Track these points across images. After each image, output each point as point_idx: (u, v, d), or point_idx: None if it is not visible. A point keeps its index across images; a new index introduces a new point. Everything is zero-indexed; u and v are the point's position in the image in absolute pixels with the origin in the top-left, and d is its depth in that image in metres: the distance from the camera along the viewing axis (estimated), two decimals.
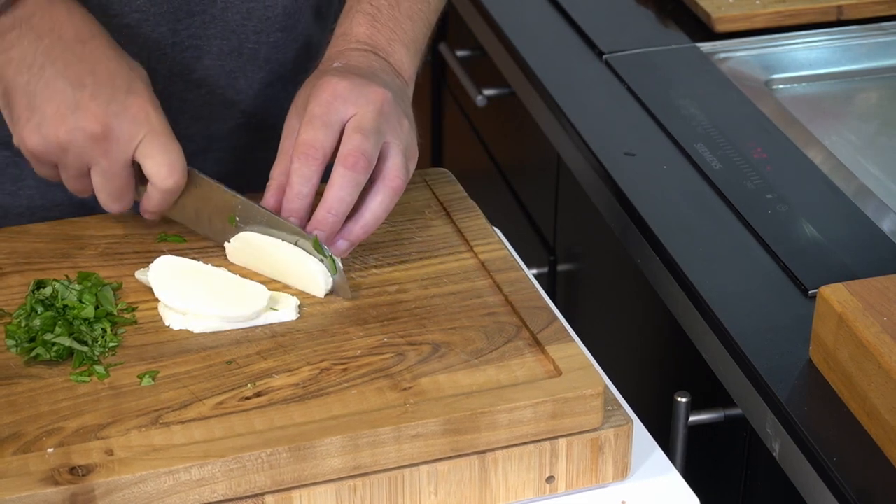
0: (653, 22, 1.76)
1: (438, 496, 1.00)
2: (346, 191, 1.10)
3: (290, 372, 1.04)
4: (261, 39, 1.27)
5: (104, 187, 1.12)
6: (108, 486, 0.94)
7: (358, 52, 1.18)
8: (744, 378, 1.19)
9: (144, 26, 1.22)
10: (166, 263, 1.12)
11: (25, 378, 1.03)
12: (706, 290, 1.27)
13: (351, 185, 1.09)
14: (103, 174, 1.12)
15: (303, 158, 1.10)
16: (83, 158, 1.11)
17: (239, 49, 1.27)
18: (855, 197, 1.40)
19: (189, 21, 1.23)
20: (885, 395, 1.07)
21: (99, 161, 1.11)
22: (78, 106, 1.09)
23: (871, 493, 1.05)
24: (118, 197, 1.13)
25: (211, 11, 1.24)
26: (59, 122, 1.09)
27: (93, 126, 1.09)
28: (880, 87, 1.67)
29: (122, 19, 1.21)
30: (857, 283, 1.14)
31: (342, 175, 1.09)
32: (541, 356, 1.05)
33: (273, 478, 0.96)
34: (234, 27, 1.25)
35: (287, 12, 1.28)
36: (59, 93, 1.09)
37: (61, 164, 1.12)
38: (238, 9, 1.25)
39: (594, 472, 1.03)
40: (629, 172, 1.46)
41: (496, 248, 1.17)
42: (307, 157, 1.10)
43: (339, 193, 1.10)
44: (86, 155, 1.11)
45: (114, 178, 1.12)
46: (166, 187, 1.12)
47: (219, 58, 1.26)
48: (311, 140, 1.10)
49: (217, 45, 1.26)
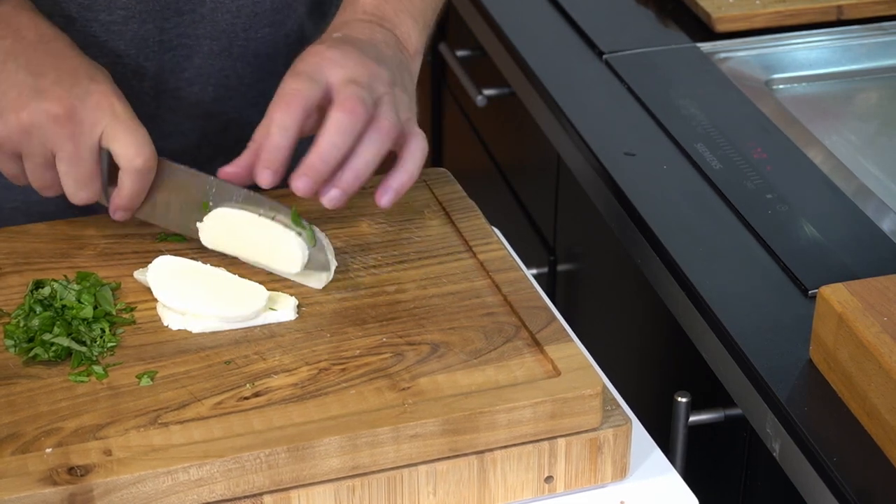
0: (653, 22, 1.75)
1: (437, 496, 1.00)
2: (341, 137, 1.06)
3: (289, 372, 1.04)
4: (250, 36, 1.27)
5: (70, 173, 1.10)
6: (107, 487, 0.93)
7: (362, 22, 1.16)
8: (744, 378, 1.19)
9: (131, 24, 1.22)
10: (165, 264, 1.12)
11: (24, 378, 1.03)
12: (706, 290, 1.27)
13: (346, 130, 1.06)
14: (69, 160, 1.09)
15: (283, 107, 1.07)
16: (47, 144, 1.08)
17: (229, 48, 1.27)
18: (855, 197, 1.40)
19: (177, 20, 1.23)
20: (885, 395, 1.07)
21: (63, 145, 1.08)
22: (40, 91, 1.08)
23: (871, 493, 1.05)
24: (84, 184, 1.10)
25: (200, 11, 1.24)
26: (21, 107, 1.07)
27: (56, 108, 1.07)
28: (880, 87, 1.67)
29: (108, 16, 1.21)
30: (857, 283, 1.14)
31: (338, 119, 1.06)
32: (540, 356, 1.05)
33: (272, 478, 0.96)
34: (223, 27, 1.25)
35: (275, 7, 1.27)
36: (21, 83, 1.08)
37: (25, 153, 1.10)
38: (227, 7, 1.24)
39: (593, 473, 1.03)
40: (629, 172, 1.46)
41: (495, 249, 1.17)
42: (288, 105, 1.07)
43: (332, 138, 1.06)
44: (50, 140, 1.08)
45: (79, 164, 1.09)
46: (137, 167, 1.10)
47: (209, 57, 1.26)
48: (293, 89, 1.07)
49: (207, 45, 1.25)
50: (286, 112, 1.07)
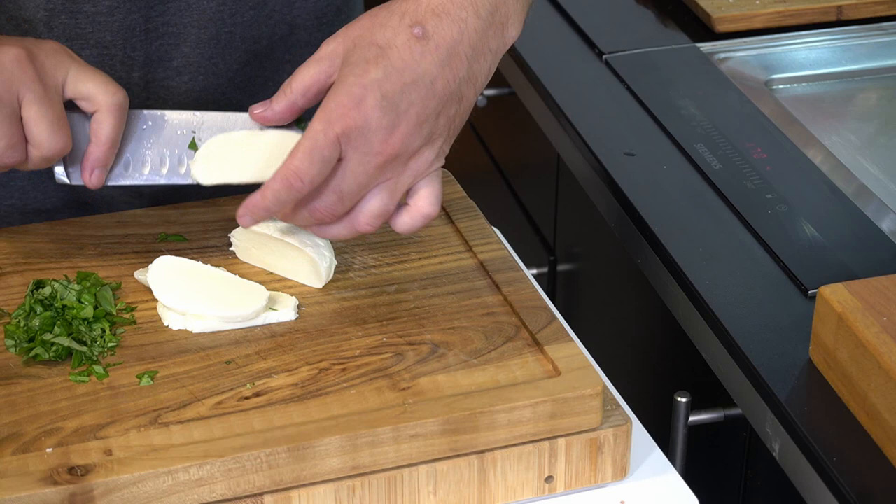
0: (653, 22, 1.76)
1: (437, 496, 1.00)
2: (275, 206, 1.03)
3: (289, 372, 1.04)
4: (236, 21, 1.27)
5: (43, 117, 1.06)
6: (107, 486, 0.94)
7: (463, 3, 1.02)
8: (744, 378, 1.19)
9: (116, 14, 1.22)
10: (166, 264, 1.12)
11: (24, 378, 1.03)
12: (706, 290, 1.27)
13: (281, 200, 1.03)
14: (39, 100, 1.05)
15: (285, 184, 1.02)
16: (14, 86, 1.05)
17: (217, 35, 1.26)
18: (855, 197, 1.40)
19: (162, 8, 1.23)
20: (884, 394, 1.07)
21: (31, 86, 1.05)
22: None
23: (871, 493, 1.05)
24: (57, 127, 1.06)
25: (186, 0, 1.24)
26: None
27: (16, 49, 1.05)
28: (880, 87, 1.67)
29: (92, 7, 1.21)
30: (857, 283, 1.14)
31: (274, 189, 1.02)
32: (540, 356, 1.05)
33: (272, 478, 0.96)
34: (210, 14, 1.25)
35: None
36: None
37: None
38: None
39: (593, 472, 1.03)
40: (629, 172, 1.46)
41: (495, 248, 1.17)
42: (291, 187, 1.01)
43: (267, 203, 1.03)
44: (16, 80, 1.05)
45: (50, 104, 1.06)
46: (118, 101, 1.08)
47: (197, 45, 1.26)
48: (301, 172, 1.01)
49: (195, 33, 1.25)
50: (286, 191, 1.02)
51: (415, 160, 1.04)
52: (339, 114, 1.00)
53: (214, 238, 1.18)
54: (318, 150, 1.00)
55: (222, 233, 1.19)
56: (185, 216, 1.21)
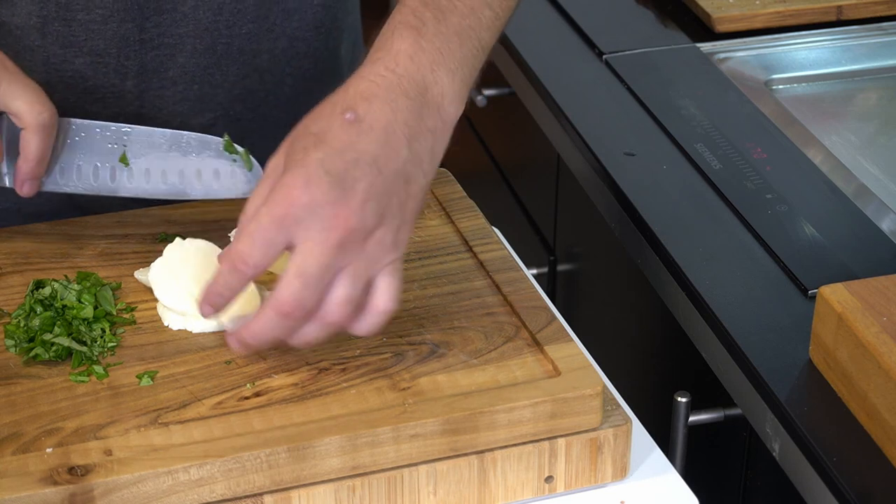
0: (653, 22, 1.76)
1: (437, 496, 1.00)
2: (277, 332, 0.98)
3: (289, 372, 1.04)
4: (233, 33, 1.26)
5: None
6: (107, 486, 0.94)
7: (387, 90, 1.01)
8: (744, 378, 1.19)
9: (110, 23, 1.22)
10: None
11: (24, 378, 1.03)
12: (706, 290, 1.27)
13: (274, 327, 0.98)
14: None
15: (231, 269, 0.98)
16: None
17: (213, 46, 1.26)
18: (855, 197, 1.40)
19: (157, 19, 1.23)
20: (884, 394, 1.07)
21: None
22: None
23: (871, 493, 1.05)
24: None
25: (181, 10, 1.23)
26: None
27: None
28: (880, 87, 1.67)
29: (86, 15, 1.21)
30: (857, 283, 1.14)
31: (268, 317, 0.98)
32: (540, 356, 1.05)
33: (272, 478, 0.96)
34: (206, 25, 1.25)
35: (258, 2, 1.27)
36: None
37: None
38: (209, 5, 1.24)
39: (593, 472, 1.03)
40: (629, 172, 1.46)
41: (495, 248, 1.17)
42: (236, 271, 0.98)
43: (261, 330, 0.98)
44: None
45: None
46: (43, 121, 1.08)
47: (193, 55, 1.26)
48: (246, 256, 0.98)
49: (190, 43, 1.25)
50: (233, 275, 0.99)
51: (372, 243, 0.99)
52: (284, 195, 0.97)
53: (214, 238, 1.18)
54: (261, 232, 0.97)
55: (222, 233, 1.19)
56: (185, 216, 1.21)
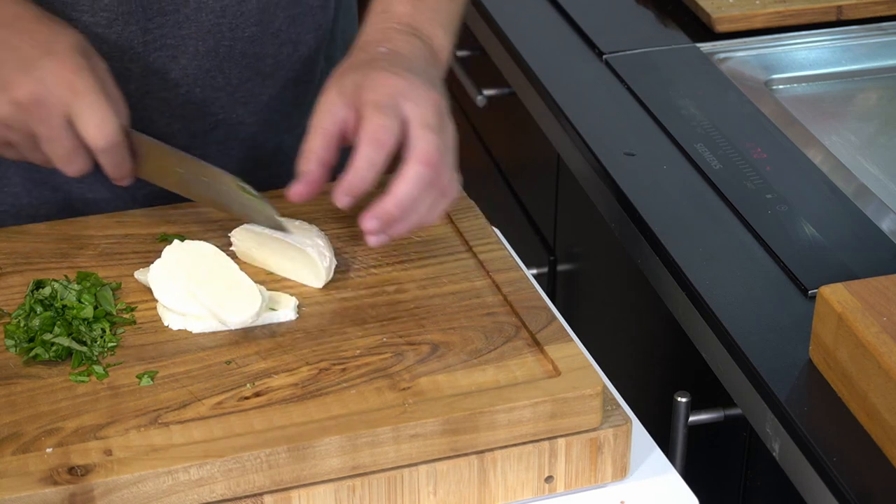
0: (653, 22, 1.75)
1: (437, 496, 1.00)
2: (419, 188, 1.07)
3: (289, 372, 1.04)
4: (236, 36, 1.26)
5: (54, 152, 1.12)
6: (107, 486, 0.94)
7: (402, 34, 1.16)
8: (744, 378, 1.19)
9: (115, 25, 1.22)
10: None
11: (24, 378, 1.03)
12: (706, 290, 1.27)
13: (424, 182, 1.07)
14: (47, 141, 1.11)
15: (374, 144, 1.07)
16: (25, 130, 1.11)
17: (215, 48, 1.26)
18: (855, 197, 1.40)
19: (161, 20, 1.23)
20: (884, 394, 1.07)
21: (39, 129, 1.11)
22: (4, 81, 1.10)
23: (871, 493, 1.05)
24: (70, 159, 1.13)
25: (184, 11, 1.23)
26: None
27: (20, 95, 1.09)
28: (880, 87, 1.67)
29: (91, 17, 1.21)
30: (857, 283, 1.14)
31: (418, 173, 1.07)
32: (540, 356, 1.05)
33: (272, 478, 0.96)
34: (209, 27, 1.25)
35: (261, 6, 1.27)
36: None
37: (13, 141, 1.13)
38: (212, 7, 1.24)
39: (593, 472, 1.03)
40: (629, 172, 1.46)
41: (495, 248, 1.17)
42: (379, 143, 1.07)
43: (411, 190, 1.07)
44: (26, 126, 1.11)
45: (58, 142, 1.11)
46: (98, 147, 1.11)
47: (195, 58, 1.26)
48: (384, 126, 1.07)
49: (193, 45, 1.25)
50: (375, 150, 1.07)
51: (450, 127, 1.13)
52: (379, 83, 1.09)
53: (214, 238, 1.18)
54: (381, 107, 1.07)
55: (222, 233, 1.19)
56: (185, 216, 1.21)
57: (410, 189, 1.07)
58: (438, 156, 1.08)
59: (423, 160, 1.07)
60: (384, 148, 1.07)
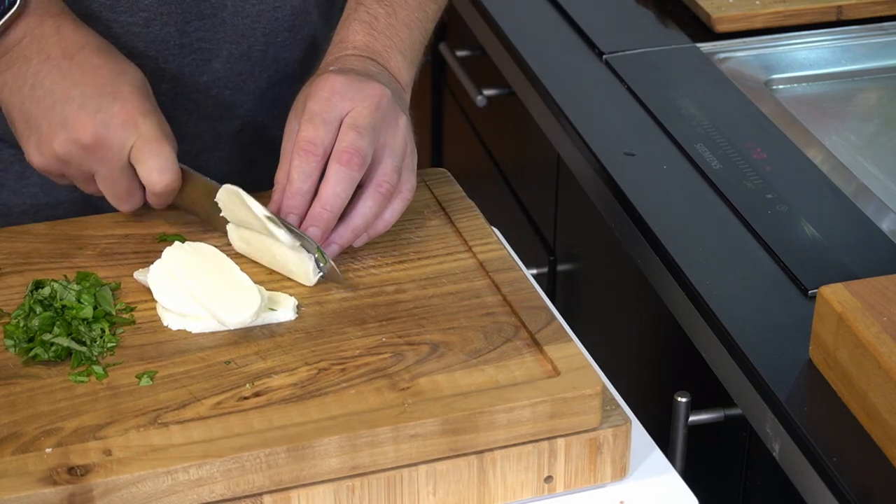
0: (653, 22, 1.75)
1: (437, 496, 1.00)
2: (341, 186, 1.11)
3: (289, 372, 1.04)
4: (269, 41, 1.28)
5: (109, 192, 1.16)
6: (107, 486, 0.94)
7: (356, 57, 1.19)
8: (744, 378, 1.19)
9: (152, 26, 1.22)
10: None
11: (24, 378, 1.03)
12: (706, 290, 1.27)
13: (345, 181, 1.11)
14: (104, 180, 1.15)
15: (302, 155, 1.11)
16: (83, 168, 1.14)
17: (248, 53, 1.27)
18: (855, 197, 1.40)
19: (198, 24, 1.24)
20: (884, 394, 1.07)
21: (98, 168, 1.14)
22: (67, 120, 1.12)
23: (871, 493, 1.05)
24: (124, 199, 1.16)
25: (221, 15, 1.24)
26: (53, 138, 1.12)
27: (84, 137, 1.12)
28: (880, 87, 1.67)
29: (129, 17, 1.22)
30: (857, 283, 1.14)
31: (336, 171, 1.11)
32: (539, 356, 1.05)
33: (271, 478, 0.96)
34: (243, 31, 1.26)
35: (295, 12, 1.28)
36: (49, 110, 1.12)
37: (67, 174, 1.16)
38: (248, 12, 1.25)
39: (592, 472, 1.03)
40: (629, 172, 1.46)
41: (495, 248, 1.17)
42: (307, 153, 1.11)
43: (334, 189, 1.11)
44: (84, 164, 1.14)
45: (115, 183, 1.15)
46: (158, 191, 1.15)
47: (228, 61, 1.27)
48: (310, 137, 1.11)
49: (227, 48, 1.26)
50: (305, 160, 1.11)
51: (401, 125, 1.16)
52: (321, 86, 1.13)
53: (214, 239, 1.18)
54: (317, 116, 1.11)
55: (222, 233, 1.19)
56: (186, 217, 1.21)
57: (333, 188, 1.11)
58: (357, 155, 1.11)
59: (340, 159, 1.10)
60: (313, 158, 1.11)
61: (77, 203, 1.30)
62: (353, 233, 1.13)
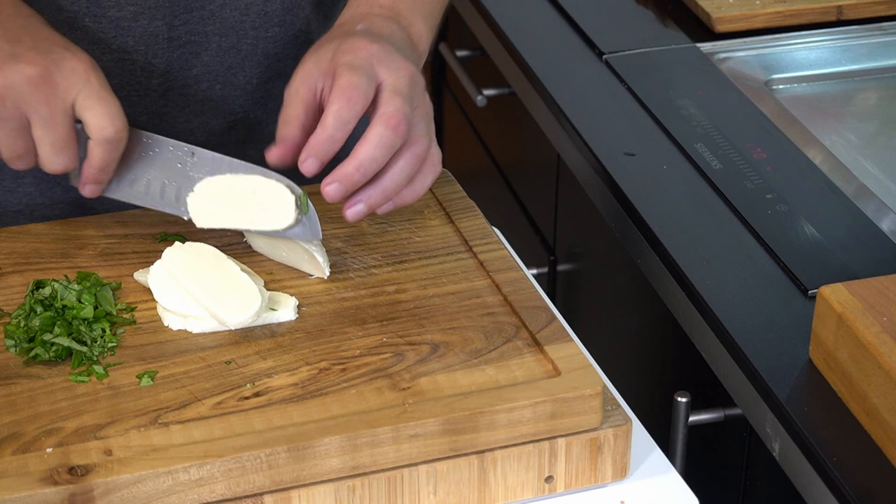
0: (653, 22, 1.75)
1: (437, 496, 1.00)
2: (381, 151, 1.06)
3: (289, 372, 1.04)
4: (259, 35, 1.27)
5: (46, 137, 1.09)
6: (107, 486, 0.94)
7: (381, 18, 1.16)
8: (744, 378, 1.19)
9: (140, 20, 1.22)
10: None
11: (24, 378, 1.03)
12: (706, 290, 1.27)
13: (387, 146, 1.06)
14: (44, 123, 1.08)
15: (344, 101, 1.06)
16: (22, 107, 1.08)
17: (237, 45, 1.27)
18: (855, 197, 1.40)
19: (186, 17, 1.23)
20: (885, 395, 1.07)
21: (38, 108, 1.08)
22: (15, 55, 1.08)
23: (871, 493, 1.05)
24: (60, 148, 1.09)
25: (209, 8, 1.24)
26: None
27: (30, 70, 1.07)
28: (880, 87, 1.67)
29: (117, 12, 1.21)
30: (857, 283, 1.14)
31: (381, 134, 1.06)
32: (540, 356, 1.05)
33: (272, 478, 0.96)
34: (232, 23, 1.25)
35: (286, 7, 1.27)
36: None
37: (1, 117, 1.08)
38: (236, 5, 1.25)
39: (593, 472, 1.03)
40: (629, 172, 1.46)
41: (495, 248, 1.17)
42: (350, 100, 1.06)
43: (372, 152, 1.06)
44: (25, 102, 1.07)
45: (54, 127, 1.08)
46: (107, 136, 1.09)
47: (217, 54, 1.26)
48: (355, 84, 1.06)
49: (216, 41, 1.26)
50: (347, 107, 1.06)
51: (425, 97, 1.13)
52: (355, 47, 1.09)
53: (214, 238, 1.18)
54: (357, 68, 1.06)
55: (222, 233, 1.19)
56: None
57: (372, 151, 1.05)
58: (404, 121, 1.06)
59: (387, 123, 1.05)
60: (354, 106, 1.06)
61: (72, 203, 1.30)
62: (384, 194, 1.08)
